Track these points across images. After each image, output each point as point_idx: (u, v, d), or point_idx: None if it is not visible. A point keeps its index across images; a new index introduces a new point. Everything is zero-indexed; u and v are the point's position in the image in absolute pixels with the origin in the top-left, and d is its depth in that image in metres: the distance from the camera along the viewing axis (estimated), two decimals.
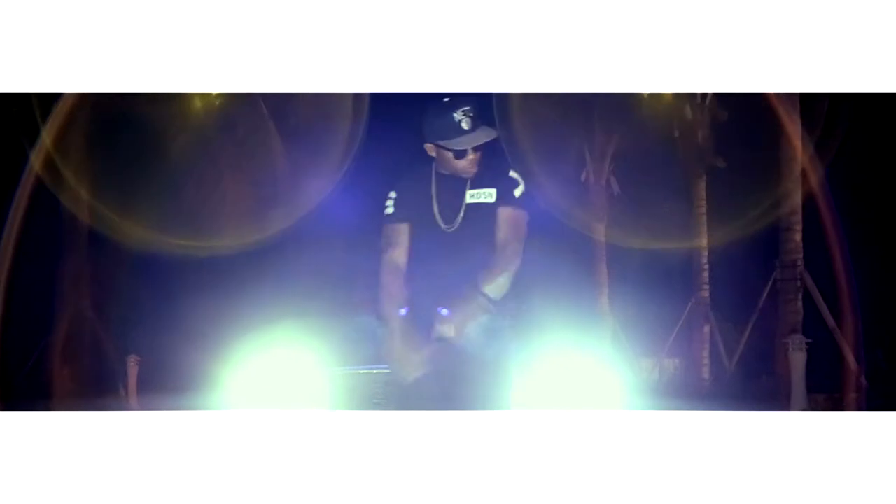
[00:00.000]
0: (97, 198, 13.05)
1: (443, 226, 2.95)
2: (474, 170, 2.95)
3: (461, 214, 2.94)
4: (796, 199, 11.81)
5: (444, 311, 2.86)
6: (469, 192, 2.95)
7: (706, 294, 14.02)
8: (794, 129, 11.56)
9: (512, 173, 3.00)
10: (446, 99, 2.91)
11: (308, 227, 13.12)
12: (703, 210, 14.04)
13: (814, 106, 11.61)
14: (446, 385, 2.87)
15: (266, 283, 11.94)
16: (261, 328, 3.14)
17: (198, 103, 13.25)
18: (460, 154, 2.91)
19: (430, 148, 2.96)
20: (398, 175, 3.08)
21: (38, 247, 13.00)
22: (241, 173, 13.69)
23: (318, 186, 13.20)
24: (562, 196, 13.90)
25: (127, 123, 12.53)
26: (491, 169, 2.99)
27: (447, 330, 2.78)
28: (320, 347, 3.85)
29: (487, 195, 2.95)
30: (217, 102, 13.23)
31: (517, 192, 2.97)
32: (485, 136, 2.89)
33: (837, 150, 11.98)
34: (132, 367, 10.91)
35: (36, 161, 11.23)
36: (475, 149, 2.91)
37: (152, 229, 12.30)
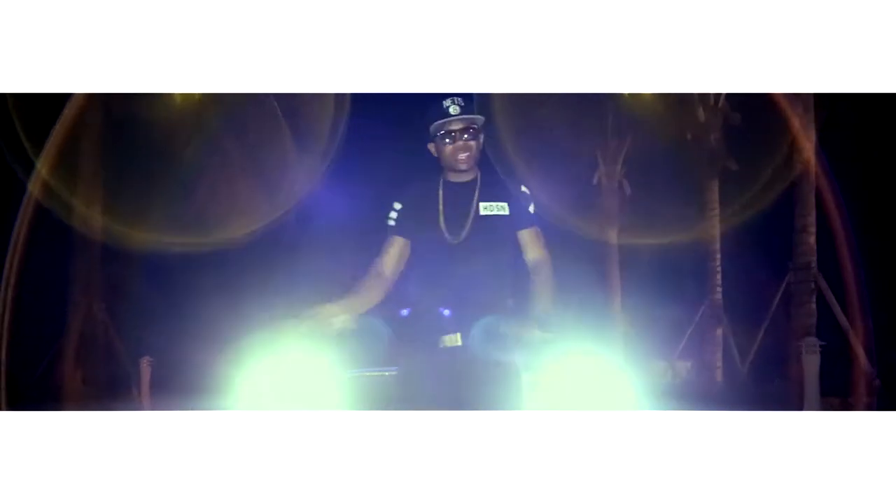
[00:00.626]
0: (108, 199, 13.11)
1: (448, 238, 2.94)
2: (466, 163, 2.94)
3: (468, 226, 2.93)
4: (809, 202, 11.76)
5: (446, 312, 2.87)
6: (482, 205, 2.95)
7: (719, 296, 13.96)
8: (806, 131, 11.51)
9: (524, 188, 3.03)
10: None
11: (310, 225, 13.14)
12: (716, 212, 13.99)
13: (825, 107, 11.56)
14: (455, 388, 2.87)
15: (277, 283, 11.96)
16: (271, 329, 3.13)
17: (204, 104, 13.23)
18: (449, 138, 2.91)
19: (431, 147, 2.98)
20: (405, 185, 3.07)
21: (50, 248, 13.04)
22: (251, 172, 13.72)
23: (320, 180, 13.28)
24: (574, 199, 13.87)
25: (137, 126, 12.56)
26: (501, 183, 3.02)
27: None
28: (331, 349, 3.86)
29: (500, 208, 2.96)
30: (215, 102, 13.21)
31: (532, 209, 3.01)
32: (470, 116, 2.91)
33: (849, 150, 11.93)
34: (145, 368, 10.91)
35: (45, 163, 11.25)
36: (467, 137, 2.92)
37: (163, 230, 12.34)
